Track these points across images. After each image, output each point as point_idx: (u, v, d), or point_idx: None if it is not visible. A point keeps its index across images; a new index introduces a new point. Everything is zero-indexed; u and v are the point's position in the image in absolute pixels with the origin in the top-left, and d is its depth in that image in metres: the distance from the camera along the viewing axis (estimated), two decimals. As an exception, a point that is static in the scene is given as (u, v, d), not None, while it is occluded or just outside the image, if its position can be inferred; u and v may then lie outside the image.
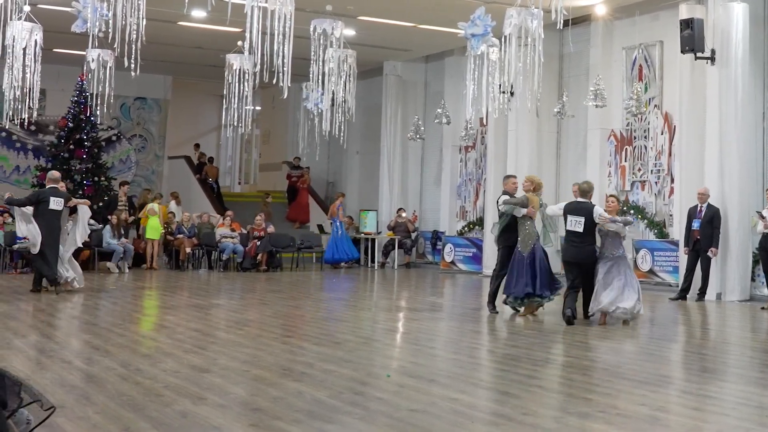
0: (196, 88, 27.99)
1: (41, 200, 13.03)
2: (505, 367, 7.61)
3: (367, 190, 23.77)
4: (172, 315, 11.04)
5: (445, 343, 9.25)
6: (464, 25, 10.72)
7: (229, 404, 5.67)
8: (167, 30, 18.26)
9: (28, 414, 3.49)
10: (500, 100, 11.37)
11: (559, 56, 18.29)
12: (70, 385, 6.19)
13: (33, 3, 13.70)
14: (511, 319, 10.93)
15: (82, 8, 11.40)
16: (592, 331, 9.89)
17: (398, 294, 15.28)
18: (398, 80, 22.48)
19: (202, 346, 8.18)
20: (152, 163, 25.27)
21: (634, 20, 16.60)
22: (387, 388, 6.29)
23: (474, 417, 5.41)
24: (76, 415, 5.26)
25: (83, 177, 19.85)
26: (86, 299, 12.77)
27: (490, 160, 19.26)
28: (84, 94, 19.56)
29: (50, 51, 17.50)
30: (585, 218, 10.42)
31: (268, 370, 6.96)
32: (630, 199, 16.82)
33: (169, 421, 5.16)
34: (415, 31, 18.59)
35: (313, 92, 14.99)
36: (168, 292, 14.43)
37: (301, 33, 12.53)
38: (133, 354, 7.68)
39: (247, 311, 11.64)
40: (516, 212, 11.13)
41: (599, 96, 15.48)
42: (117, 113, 24.10)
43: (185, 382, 6.34)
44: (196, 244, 19.51)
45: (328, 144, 21.36)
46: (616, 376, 6.93)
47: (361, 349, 8.45)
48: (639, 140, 16.76)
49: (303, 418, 5.27)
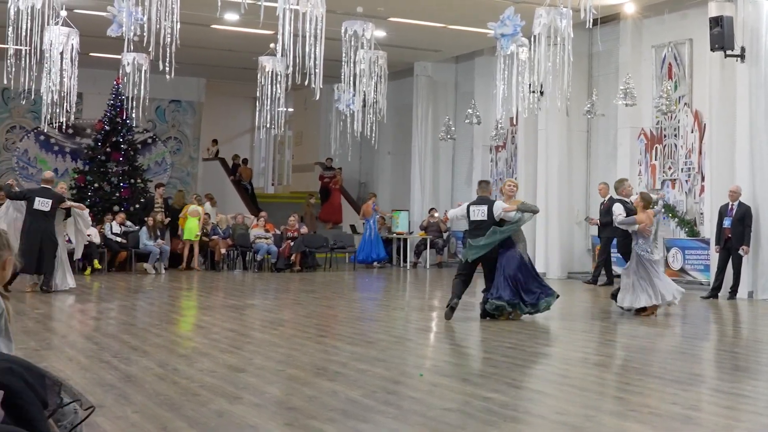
0: (229, 90, 28.20)
1: (27, 198, 13.31)
2: (537, 366, 7.62)
3: (399, 190, 23.83)
4: (207, 315, 11.15)
5: (477, 342, 9.27)
6: (494, 25, 10.74)
7: (264, 403, 5.72)
8: (201, 33, 18.43)
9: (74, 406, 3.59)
10: (530, 100, 11.38)
11: (589, 55, 18.21)
12: (109, 385, 6.27)
13: (69, 8, 13.92)
14: (543, 319, 10.92)
15: (118, 13, 11.55)
16: (624, 329, 9.86)
17: (430, 293, 15.31)
18: (429, 81, 22.51)
19: (237, 346, 8.27)
20: (187, 165, 25.53)
21: (663, 18, 16.49)
22: (420, 387, 6.32)
23: (507, 416, 5.42)
24: (114, 415, 5.34)
25: (120, 179, 20.12)
26: (124, 300, 12.97)
27: (520, 160, 19.23)
28: (120, 97, 19.82)
29: (87, 55, 17.76)
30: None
31: (302, 369, 7.02)
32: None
33: (206, 421, 5.23)
34: (445, 31, 18.60)
35: (345, 93, 15.07)
36: (203, 292, 14.58)
37: (333, 35, 12.60)
38: (170, 354, 7.78)
39: (281, 311, 11.74)
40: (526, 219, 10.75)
41: (629, 95, 15.40)
42: (152, 116, 24.38)
43: (221, 382, 6.41)
44: (230, 245, 19.70)
45: (359, 145, 21.43)
46: (648, 375, 6.92)
47: (394, 348, 8.49)
48: (669, 138, 16.65)
49: (337, 417, 5.32)
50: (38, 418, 3.23)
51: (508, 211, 10.42)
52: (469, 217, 10.59)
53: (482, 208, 10.50)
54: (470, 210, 10.59)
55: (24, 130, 23.63)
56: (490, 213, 10.43)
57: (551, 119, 17.65)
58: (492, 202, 10.64)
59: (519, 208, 10.56)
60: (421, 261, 21.51)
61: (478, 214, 10.52)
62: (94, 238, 17.74)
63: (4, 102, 23.40)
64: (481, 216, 10.46)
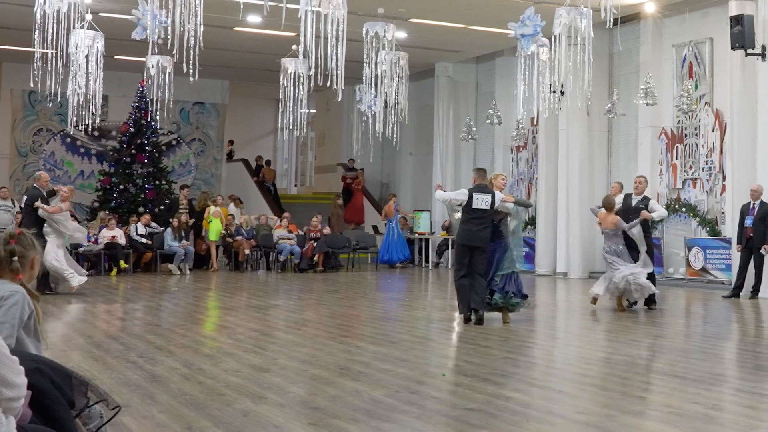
0: (252, 92, 28.36)
1: None
2: (559, 366, 7.64)
3: (421, 190, 23.87)
4: (232, 315, 11.24)
5: (499, 342, 9.28)
6: (514, 25, 10.74)
7: (288, 403, 5.77)
8: (224, 36, 18.56)
9: (100, 409, 3.65)
10: (551, 100, 11.38)
11: (609, 55, 18.18)
12: (135, 385, 6.34)
13: (95, 11, 14.06)
14: (565, 318, 10.92)
15: (142, 16, 11.66)
16: (645, 329, 9.85)
17: (452, 293, 15.26)
18: (450, 81, 22.52)
19: (261, 346, 8.34)
20: (211, 167, 25.70)
21: (684, 17, 16.42)
22: (443, 387, 6.36)
23: (529, 416, 5.44)
24: (140, 414, 5.41)
25: (145, 181, 20.30)
26: (149, 300, 13.10)
27: (541, 160, 19.21)
28: (145, 99, 20.00)
29: (112, 58, 17.95)
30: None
31: (326, 369, 7.07)
32: (682, 196, 16.65)
33: (231, 420, 5.27)
34: (465, 32, 18.61)
35: (367, 94, 15.12)
36: (228, 293, 14.69)
37: (354, 36, 12.63)
38: (195, 354, 7.86)
39: (304, 311, 11.81)
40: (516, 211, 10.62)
41: (650, 94, 15.34)
42: (176, 118, 24.57)
43: (246, 382, 6.47)
44: (254, 245, 19.82)
45: (381, 145, 21.51)
46: (669, 375, 6.92)
47: (416, 348, 8.53)
48: (690, 138, 16.58)
49: (361, 417, 5.36)
50: (65, 417, 3.29)
51: (506, 202, 10.23)
52: (472, 205, 10.06)
53: (486, 197, 10.07)
54: (474, 198, 10.06)
55: (51, 133, 23.90)
56: (492, 203, 10.08)
57: (572, 119, 17.63)
58: (492, 191, 10.22)
59: (517, 201, 10.54)
60: (442, 261, 21.53)
61: (482, 202, 10.06)
62: (119, 239, 17.94)
63: (31, 105, 23.68)
64: (485, 205, 10.05)
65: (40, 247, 4.16)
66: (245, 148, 28.64)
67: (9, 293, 3.87)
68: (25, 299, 3.91)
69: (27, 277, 4.00)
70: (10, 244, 3.96)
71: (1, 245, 3.96)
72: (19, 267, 3.94)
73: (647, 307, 11.56)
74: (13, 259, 3.93)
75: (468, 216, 10.12)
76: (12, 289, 3.88)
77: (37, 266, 4.09)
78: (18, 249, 3.95)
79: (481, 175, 10.50)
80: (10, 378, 2.63)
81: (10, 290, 3.88)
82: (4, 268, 3.95)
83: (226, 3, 14.16)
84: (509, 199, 10.32)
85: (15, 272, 3.94)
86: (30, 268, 4.02)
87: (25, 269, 3.98)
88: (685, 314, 12.44)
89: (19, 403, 2.73)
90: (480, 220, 10.05)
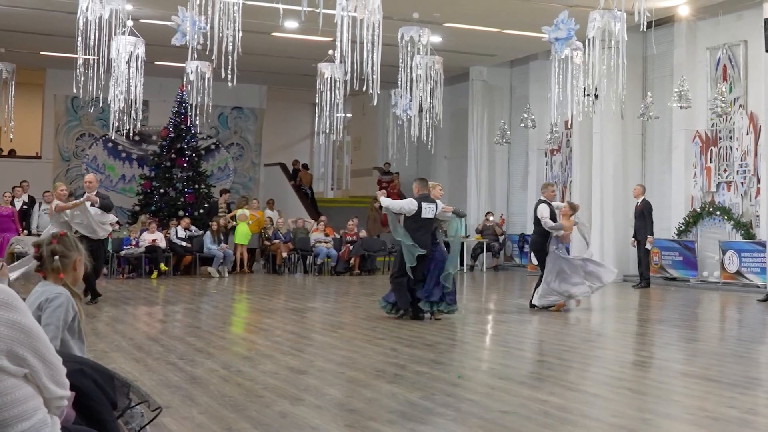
0: (289, 96, 28.56)
1: None
2: (593, 369, 7.63)
3: (455, 194, 23.85)
4: (269, 318, 11.34)
5: (533, 345, 9.30)
6: (548, 29, 10.75)
7: (325, 405, 5.82)
8: (262, 41, 18.75)
9: (141, 409, 3.74)
10: (585, 103, 11.36)
11: (643, 58, 18.09)
12: (175, 386, 6.41)
13: (136, 18, 14.28)
14: (599, 321, 10.90)
15: (182, 22, 11.85)
16: (680, 333, 9.81)
17: (487, 296, 15.33)
18: (484, 85, 22.54)
19: (299, 349, 8.43)
20: (249, 171, 25.94)
21: (718, 20, 16.29)
22: (478, 390, 6.38)
23: (564, 419, 5.45)
24: (181, 415, 5.47)
25: (184, 185, 20.56)
26: (189, 303, 13.28)
27: (575, 163, 19.15)
28: (184, 104, 20.25)
29: (152, 64, 18.22)
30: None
31: (362, 371, 7.13)
32: (716, 200, 16.51)
33: (269, 422, 5.33)
34: (499, 36, 18.61)
35: (402, 99, 15.20)
36: (265, 295, 14.82)
37: (390, 41, 12.73)
38: (234, 356, 7.95)
39: (341, 314, 11.89)
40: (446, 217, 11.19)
41: (684, 97, 15.26)
42: (215, 122, 24.86)
43: (284, 384, 6.53)
44: (291, 248, 19.98)
45: (416, 149, 21.54)
46: (704, 378, 6.89)
47: (451, 351, 8.58)
48: (724, 141, 16.44)
49: (397, 419, 5.39)
50: (108, 419, 3.31)
51: (446, 211, 10.95)
52: (421, 214, 10.70)
53: (432, 206, 10.81)
54: (423, 207, 10.74)
55: (93, 138, 24.31)
56: (435, 211, 10.84)
57: (606, 122, 17.56)
58: (435, 200, 10.93)
59: (456, 211, 11.25)
60: (477, 264, 21.55)
61: (429, 211, 10.76)
62: (160, 242, 18.19)
63: (74, 110, 24.10)
64: (431, 214, 10.77)
65: (84, 250, 4.28)
66: (282, 152, 28.85)
67: (54, 295, 3.98)
68: (69, 301, 4.02)
69: (70, 278, 4.10)
70: (52, 243, 4.05)
71: (44, 245, 4.07)
72: (60, 266, 4.04)
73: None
74: (54, 258, 4.03)
75: (416, 225, 10.74)
76: (57, 291, 3.99)
77: (81, 268, 4.16)
78: (60, 249, 4.04)
79: (424, 185, 11.25)
80: (57, 378, 2.73)
81: (54, 292, 3.99)
82: (47, 267, 4.05)
83: (263, 9, 14.32)
84: (448, 209, 11.08)
85: (56, 272, 4.04)
86: (73, 269, 4.10)
87: (68, 270, 4.07)
88: (719, 318, 12.33)
89: (63, 404, 2.77)
90: (426, 228, 10.77)
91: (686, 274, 16.79)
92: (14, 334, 2.55)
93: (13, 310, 2.56)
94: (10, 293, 2.58)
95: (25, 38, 19.92)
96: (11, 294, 2.59)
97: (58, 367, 2.71)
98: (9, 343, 2.53)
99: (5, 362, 2.53)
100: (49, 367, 2.67)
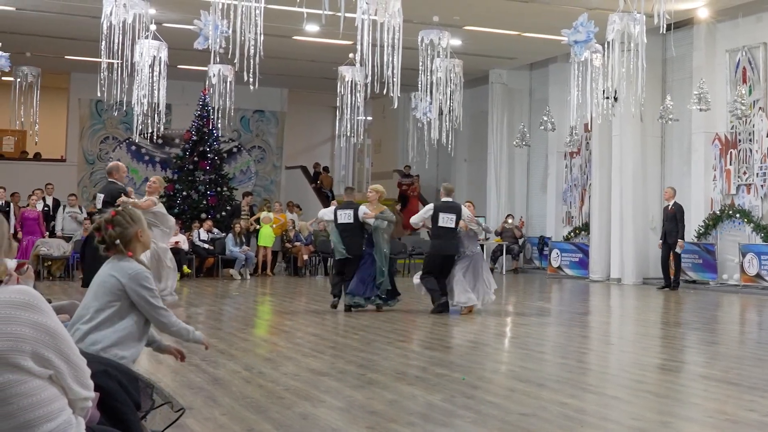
0: (310, 99, 28.67)
1: None
2: (613, 372, 7.64)
3: (475, 196, 23.81)
4: (291, 320, 11.39)
5: (553, 348, 9.30)
6: (567, 32, 10.77)
7: (346, 407, 5.84)
8: (283, 45, 18.86)
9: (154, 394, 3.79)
10: (604, 106, 11.37)
11: (662, 60, 18.04)
12: (198, 387, 6.45)
13: (158, 22, 14.44)
14: (619, 324, 10.88)
15: (204, 26, 11.97)
16: (700, 336, 9.78)
17: (506, 299, 15.32)
18: (504, 88, 22.55)
19: (320, 350, 8.47)
20: (270, 174, 26.07)
21: (737, 22, 16.23)
22: (498, 392, 6.38)
23: (584, 421, 5.46)
24: (203, 416, 5.52)
25: (207, 188, 20.69)
26: (211, 305, 13.38)
27: (595, 166, 19.12)
28: (207, 108, 20.40)
29: (175, 67, 18.36)
30: (456, 216, 11.64)
31: (382, 373, 7.16)
32: (735, 202, 16.43)
33: (290, 423, 5.36)
34: (519, 39, 18.62)
35: (422, 101, 15.24)
36: (287, 297, 14.90)
37: (410, 44, 12.77)
38: (256, 357, 8.00)
39: (361, 316, 11.92)
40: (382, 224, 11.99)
41: (703, 99, 15.21)
42: (237, 126, 25.00)
43: (305, 385, 6.57)
44: (312, 251, 20.06)
45: (436, 152, 21.58)
46: (724, 382, 6.88)
47: (471, 353, 8.60)
48: (744, 143, 16.37)
49: (417, 421, 5.41)
50: (133, 419, 3.35)
51: (367, 217, 11.86)
52: (337, 220, 11.99)
53: (349, 212, 11.99)
54: (338, 214, 12.03)
55: (117, 141, 24.54)
56: (356, 216, 11.92)
57: (625, 125, 17.54)
58: (357, 206, 12.05)
59: (377, 216, 11.90)
60: (497, 267, 21.55)
61: (344, 217, 11.99)
62: (183, 244, 18.33)
63: (98, 114, 24.35)
64: (348, 219, 11.94)
65: (141, 217, 4.38)
66: (303, 155, 28.96)
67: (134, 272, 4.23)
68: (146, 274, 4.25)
69: (138, 250, 4.30)
70: (108, 229, 4.20)
71: (103, 231, 4.22)
72: (123, 248, 4.23)
73: None
74: (116, 243, 4.23)
75: (338, 229, 12.09)
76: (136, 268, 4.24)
77: (146, 234, 4.34)
78: (117, 232, 4.21)
79: (348, 193, 13.05)
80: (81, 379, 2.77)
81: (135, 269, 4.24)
82: (112, 249, 4.25)
83: (285, 12, 14.41)
84: (369, 216, 11.89)
85: (123, 253, 4.24)
86: (137, 240, 4.28)
87: (132, 245, 4.26)
88: (739, 321, 12.27)
89: (88, 405, 2.79)
90: (347, 231, 11.97)
91: (706, 276, 16.72)
92: (39, 335, 2.57)
93: (37, 311, 2.59)
94: (35, 295, 2.62)
95: (50, 42, 20.16)
96: (35, 295, 2.62)
97: (82, 368, 2.74)
98: (34, 345, 2.56)
99: (30, 363, 2.56)
100: (74, 368, 2.69)
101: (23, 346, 2.54)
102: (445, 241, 11.77)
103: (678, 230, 15.87)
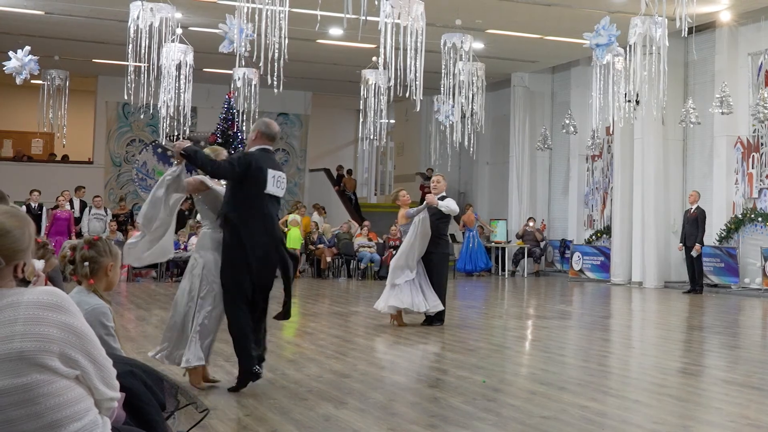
0: (334, 103, 28.78)
1: None
2: (634, 375, 7.65)
3: (497, 199, 23.94)
4: (314, 322, 11.47)
5: (574, 351, 9.31)
6: (589, 35, 10.78)
7: (368, 408, 5.89)
8: (307, 48, 18.96)
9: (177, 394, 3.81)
10: (626, 109, 11.36)
11: (684, 63, 17.98)
12: (222, 388, 6.52)
13: (184, 26, 14.58)
14: (640, 328, 10.86)
15: (229, 30, 12.09)
16: (722, 340, 9.75)
17: (528, 302, 15.33)
18: (526, 91, 22.54)
19: (342, 352, 8.53)
20: (294, 176, 26.19)
21: (760, 25, 16.14)
22: (519, 395, 6.41)
23: (604, 424, 5.48)
24: (227, 417, 5.59)
25: (231, 190, 20.81)
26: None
27: (616, 169, 19.08)
28: (231, 110, 20.53)
29: (200, 71, 18.54)
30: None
31: (404, 375, 7.23)
32: (758, 206, 16.33)
33: (313, 424, 5.42)
34: (541, 42, 18.62)
35: (444, 105, 15.29)
36: (310, 299, 14.97)
37: (432, 47, 12.82)
38: (279, 359, 8.06)
39: (384, 318, 11.96)
40: None
41: (725, 103, 15.15)
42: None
43: (327, 387, 6.63)
44: (335, 253, 20.15)
45: (459, 155, 21.66)
46: (746, 386, 6.87)
47: (493, 356, 8.62)
48: (766, 147, 16.29)
49: (438, 423, 5.44)
50: (157, 419, 3.38)
51: None
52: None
53: None
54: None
55: (143, 143, 24.77)
56: None
57: (647, 128, 17.49)
58: None
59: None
60: (518, 270, 21.54)
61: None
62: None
63: (124, 116, 24.59)
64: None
65: (119, 254, 4.25)
66: (327, 157, 29.08)
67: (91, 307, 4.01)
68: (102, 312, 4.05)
69: (102, 284, 4.13)
70: (83, 249, 4.11)
71: (78, 250, 4.13)
72: (88, 272, 4.09)
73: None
74: (84, 264, 4.09)
75: None
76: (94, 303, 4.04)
77: (115, 273, 4.20)
78: (90, 254, 4.09)
79: None
80: (107, 379, 2.81)
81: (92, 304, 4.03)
82: (78, 272, 4.12)
83: (309, 16, 14.51)
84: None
85: (86, 278, 4.09)
86: (104, 274, 4.13)
87: (98, 275, 4.11)
88: (761, 325, 12.20)
89: (113, 405, 2.81)
90: None
91: (728, 280, 16.63)
92: (66, 336, 2.60)
93: (65, 312, 2.62)
94: (63, 296, 2.66)
95: (78, 46, 20.40)
96: (63, 297, 2.66)
97: (108, 368, 2.76)
98: (61, 345, 2.59)
99: (57, 364, 2.59)
100: (100, 368, 2.72)
101: (51, 346, 2.57)
102: None
103: (697, 234, 15.82)
